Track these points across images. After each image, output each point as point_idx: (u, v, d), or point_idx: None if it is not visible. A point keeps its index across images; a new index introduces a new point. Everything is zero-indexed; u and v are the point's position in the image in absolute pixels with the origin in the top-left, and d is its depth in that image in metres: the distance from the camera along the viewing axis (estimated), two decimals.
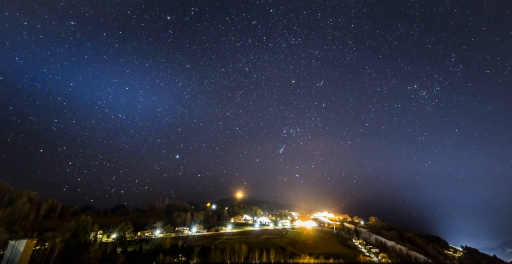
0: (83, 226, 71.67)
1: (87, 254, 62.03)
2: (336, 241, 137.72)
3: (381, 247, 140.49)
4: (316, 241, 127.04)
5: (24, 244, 26.99)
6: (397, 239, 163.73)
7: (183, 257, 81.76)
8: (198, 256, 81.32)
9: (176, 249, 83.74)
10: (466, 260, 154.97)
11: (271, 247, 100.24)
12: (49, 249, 61.17)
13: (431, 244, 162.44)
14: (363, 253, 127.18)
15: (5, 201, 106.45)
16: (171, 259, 78.12)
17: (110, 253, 71.70)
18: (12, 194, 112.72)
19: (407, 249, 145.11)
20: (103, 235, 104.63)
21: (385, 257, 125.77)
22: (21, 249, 26.68)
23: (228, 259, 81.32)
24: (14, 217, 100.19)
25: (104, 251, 71.33)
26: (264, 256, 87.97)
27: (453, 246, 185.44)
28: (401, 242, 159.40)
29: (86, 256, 61.32)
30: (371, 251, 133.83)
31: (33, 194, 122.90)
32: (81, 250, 62.73)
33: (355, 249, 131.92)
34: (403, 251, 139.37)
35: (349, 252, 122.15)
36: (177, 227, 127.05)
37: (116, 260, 68.70)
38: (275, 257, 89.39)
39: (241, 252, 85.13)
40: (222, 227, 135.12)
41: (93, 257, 62.86)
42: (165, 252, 78.72)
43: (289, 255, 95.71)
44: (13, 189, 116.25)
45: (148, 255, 76.18)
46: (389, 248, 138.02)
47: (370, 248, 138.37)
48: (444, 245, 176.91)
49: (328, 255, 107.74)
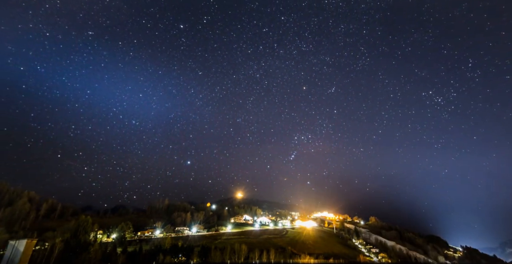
0: (83, 226, 71.58)
1: (87, 254, 62.02)
2: (336, 241, 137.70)
3: (381, 247, 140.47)
4: (316, 241, 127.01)
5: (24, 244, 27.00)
6: (397, 239, 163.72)
7: (183, 257, 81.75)
8: (198, 256, 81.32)
9: (176, 249, 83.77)
10: (466, 260, 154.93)
11: (271, 247, 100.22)
12: (49, 249, 61.16)
13: (431, 244, 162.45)
14: (363, 253, 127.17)
15: (5, 201, 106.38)
16: (171, 259, 78.11)
17: (110, 253, 71.72)
18: (12, 194, 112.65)
19: (407, 249, 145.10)
20: (103, 235, 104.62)
21: (385, 257, 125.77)
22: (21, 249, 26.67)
23: (228, 259, 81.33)
24: (14, 217, 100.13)
25: (104, 251, 71.34)
26: (264, 256, 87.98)
27: (453, 246, 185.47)
28: (401, 242, 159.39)
29: (86, 256, 61.31)
30: (371, 251, 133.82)
31: (33, 194, 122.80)
32: (81, 250, 62.72)
33: (355, 249, 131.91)
34: (403, 251, 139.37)
35: (349, 252, 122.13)
36: (177, 227, 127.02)
37: (116, 260, 68.71)
38: (275, 257, 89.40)
39: (241, 252, 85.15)
40: (222, 227, 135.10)
41: (93, 257, 62.87)
42: (165, 252, 78.73)
43: (289, 255, 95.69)
44: (13, 189, 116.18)
45: (148, 255, 76.19)
46: (389, 248, 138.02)
47: (370, 248, 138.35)
48: (444, 245, 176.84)
49: (328, 255, 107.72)
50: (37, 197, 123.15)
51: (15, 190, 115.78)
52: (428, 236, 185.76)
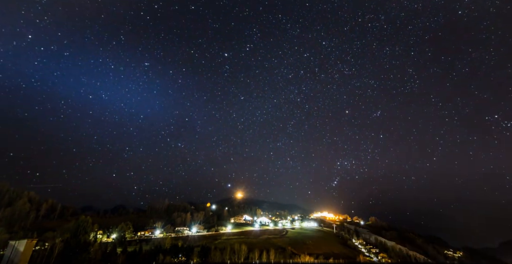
0: (83, 226, 71.53)
1: (87, 254, 62.01)
2: (336, 241, 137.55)
3: (381, 247, 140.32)
4: (316, 241, 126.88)
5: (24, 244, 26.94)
6: (397, 239, 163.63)
7: (183, 257, 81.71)
8: (198, 256, 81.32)
9: (176, 249, 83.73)
10: (466, 260, 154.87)
11: (271, 247, 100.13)
12: (49, 249, 61.12)
13: (431, 244, 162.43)
14: (363, 253, 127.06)
15: (5, 201, 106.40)
16: (171, 259, 78.10)
17: (110, 253, 71.73)
18: (12, 194, 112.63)
19: (407, 249, 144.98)
20: (103, 235, 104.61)
21: (385, 257, 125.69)
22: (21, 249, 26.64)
23: (228, 259, 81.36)
24: (14, 217, 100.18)
25: (104, 251, 71.38)
26: (264, 256, 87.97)
27: (453, 246, 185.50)
28: (401, 242, 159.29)
29: (86, 256, 61.29)
30: (371, 251, 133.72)
31: (33, 194, 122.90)
32: (81, 250, 62.67)
33: (355, 249, 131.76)
34: (403, 251, 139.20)
35: (349, 252, 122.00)
36: (177, 227, 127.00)
37: (116, 260, 68.69)
38: (275, 257, 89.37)
39: (241, 252, 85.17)
40: (222, 227, 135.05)
41: (93, 257, 62.90)
42: (165, 252, 78.71)
43: (289, 255, 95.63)
44: (13, 189, 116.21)
45: (148, 255, 76.16)
46: (389, 248, 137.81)
47: (370, 248, 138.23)
48: (444, 245, 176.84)
49: (328, 255, 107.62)
50: (37, 197, 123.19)
51: (15, 190, 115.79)
52: (428, 236, 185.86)
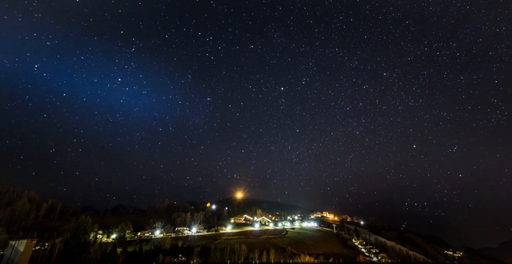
0: (83, 226, 71.56)
1: (87, 254, 62.05)
2: (336, 241, 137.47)
3: (381, 247, 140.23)
4: (316, 241, 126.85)
5: (24, 244, 26.99)
6: (397, 239, 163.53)
7: (183, 257, 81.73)
8: (198, 256, 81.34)
9: (176, 249, 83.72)
10: (466, 260, 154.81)
11: (271, 247, 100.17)
12: (49, 249, 61.16)
13: (431, 244, 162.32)
14: (363, 253, 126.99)
15: (5, 201, 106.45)
16: (171, 259, 78.10)
17: (110, 253, 71.67)
18: (12, 194, 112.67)
19: (407, 249, 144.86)
20: (103, 235, 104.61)
21: (385, 257, 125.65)
22: (21, 249, 26.66)
23: (228, 259, 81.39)
24: (14, 217, 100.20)
25: (104, 251, 71.32)
26: (264, 256, 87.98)
27: (453, 246, 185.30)
28: (401, 242, 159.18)
29: (86, 256, 61.32)
30: (371, 251, 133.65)
31: (33, 194, 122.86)
32: (81, 250, 62.72)
33: (355, 249, 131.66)
34: (403, 251, 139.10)
35: (349, 252, 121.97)
36: (177, 227, 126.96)
37: (116, 260, 68.67)
38: (275, 257, 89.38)
39: (241, 252, 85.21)
40: (222, 227, 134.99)
41: (93, 257, 62.89)
42: (165, 252, 78.70)
43: (289, 255, 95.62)
44: (13, 189, 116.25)
45: (148, 255, 76.19)
46: (389, 248, 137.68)
47: (370, 248, 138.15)
48: (444, 245, 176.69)
49: (328, 255, 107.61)
50: (37, 197, 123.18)
51: (15, 190, 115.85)
52: (428, 236, 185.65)
